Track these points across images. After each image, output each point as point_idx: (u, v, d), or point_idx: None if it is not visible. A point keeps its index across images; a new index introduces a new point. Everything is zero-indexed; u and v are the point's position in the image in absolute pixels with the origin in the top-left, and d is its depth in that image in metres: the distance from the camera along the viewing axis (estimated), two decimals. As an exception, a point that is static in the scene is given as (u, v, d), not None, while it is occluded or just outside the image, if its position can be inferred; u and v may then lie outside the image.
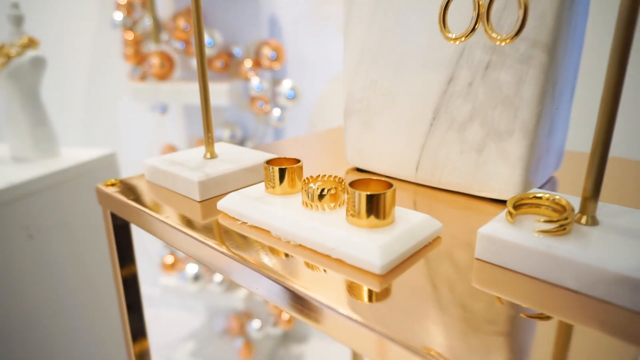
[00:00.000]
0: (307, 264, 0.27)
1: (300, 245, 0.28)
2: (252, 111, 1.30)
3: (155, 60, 1.33)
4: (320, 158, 0.50)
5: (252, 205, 0.31)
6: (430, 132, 0.36)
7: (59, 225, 0.72)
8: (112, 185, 0.39)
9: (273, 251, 0.28)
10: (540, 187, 0.38)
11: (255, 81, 1.24)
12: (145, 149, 1.63)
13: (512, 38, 0.26)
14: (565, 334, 0.21)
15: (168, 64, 1.35)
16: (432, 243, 0.29)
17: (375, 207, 0.26)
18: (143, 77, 1.39)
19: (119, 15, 1.33)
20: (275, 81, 1.34)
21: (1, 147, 0.86)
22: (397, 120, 0.38)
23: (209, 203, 0.36)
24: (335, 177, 0.31)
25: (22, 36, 0.75)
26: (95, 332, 0.82)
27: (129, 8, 1.36)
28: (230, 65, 1.31)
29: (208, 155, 0.39)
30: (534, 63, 0.31)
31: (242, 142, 1.41)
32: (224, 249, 0.29)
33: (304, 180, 0.30)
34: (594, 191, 0.25)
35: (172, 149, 1.46)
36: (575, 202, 0.27)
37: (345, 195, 0.28)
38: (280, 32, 1.37)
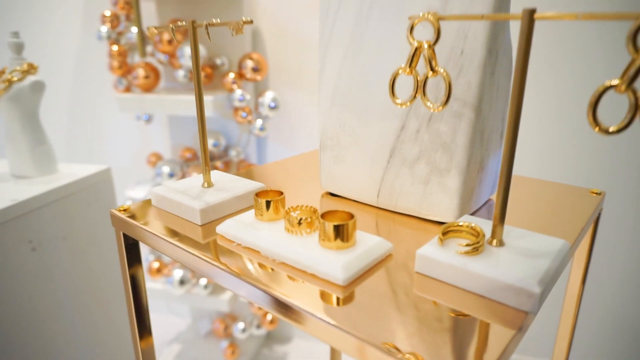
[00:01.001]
0: (289, 277, 0.35)
1: (283, 262, 0.37)
2: (236, 121, 1.37)
3: (140, 72, 1.38)
4: (301, 181, 0.58)
5: (245, 230, 0.39)
6: (387, 168, 0.45)
7: (60, 237, 0.79)
8: (124, 210, 0.47)
9: (262, 267, 0.37)
10: (478, 210, 0.47)
11: (238, 93, 1.30)
12: (131, 156, 1.68)
13: (442, 106, 0.35)
14: (479, 326, 0.30)
15: (153, 75, 1.40)
16: (385, 259, 0.37)
17: (340, 234, 0.35)
18: (128, 88, 1.44)
19: (104, 28, 1.38)
20: (258, 92, 1.41)
21: (1, 164, 0.91)
22: (362, 157, 0.47)
23: (207, 226, 0.44)
24: (311, 207, 0.39)
25: (23, 62, 0.80)
26: (98, 331, 0.88)
27: (114, 21, 1.41)
28: (213, 76, 1.38)
29: (205, 185, 0.47)
30: (464, 118, 0.40)
31: (226, 150, 1.48)
32: (223, 266, 0.37)
33: (286, 210, 0.39)
34: (500, 220, 0.34)
35: (157, 156, 1.52)
36: (490, 227, 0.36)
37: (318, 223, 0.37)
38: (263, 44, 1.44)
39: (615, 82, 0.27)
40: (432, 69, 0.35)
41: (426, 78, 0.35)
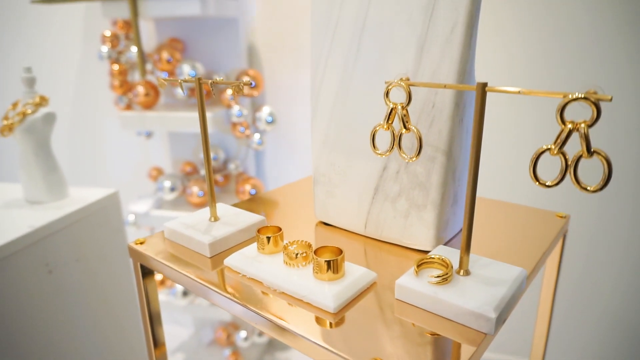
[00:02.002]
0: (289, 304, 0.41)
1: (282, 292, 0.43)
2: (234, 135, 1.42)
3: (140, 90, 1.43)
4: (297, 210, 0.64)
5: (249, 263, 0.46)
6: (372, 203, 0.51)
7: (74, 259, 0.84)
8: (141, 243, 0.53)
9: (264, 294, 0.43)
10: (454, 237, 0.54)
11: (236, 109, 1.36)
12: (133, 170, 1.73)
13: (416, 157, 0.41)
14: (450, 346, 0.36)
15: (153, 92, 1.45)
16: (370, 287, 0.44)
17: (331, 267, 0.41)
18: (129, 106, 1.49)
19: (104, 48, 1.44)
20: (255, 107, 1.47)
21: (15, 189, 0.97)
22: (350, 193, 0.53)
23: (215, 257, 0.50)
24: (306, 242, 0.45)
25: (35, 95, 0.86)
26: (110, 345, 0.94)
27: (114, 40, 1.46)
28: (211, 94, 1.44)
29: (212, 219, 0.53)
30: (437, 161, 0.46)
31: (225, 163, 1.54)
32: (230, 296, 0.43)
33: (285, 245, 0.45)
34: (465, 252, 0.40)
35: (158, 170, 1.57)
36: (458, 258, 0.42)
37: (312, 257, 0.43)
38: (259, 60, 1.50)
39: (549, 146, 0.34)
40: (405, 126, 0.41)
41: (401, 134, 0.41)
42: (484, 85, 0.36)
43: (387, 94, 0.41)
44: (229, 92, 1.36)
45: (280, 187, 0.73)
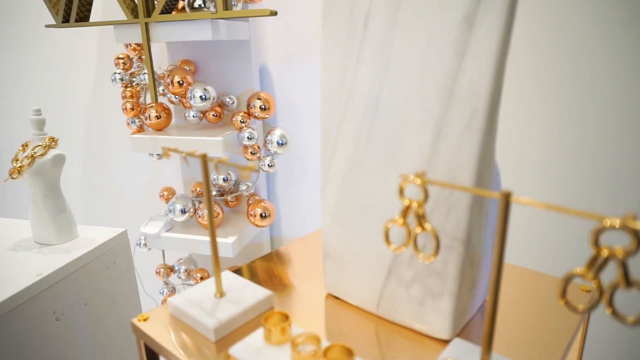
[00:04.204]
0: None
1: (290, 394, 0.40)
2: (245, 158, 1.41)
3: (152, 112, 1.42)
4: (306, 278, 0.62)
5: (255, 354, 0.43)
6: (385, 285, 0.49)
7: (82, 303, 0.84)
8: (144, 320, 0.51)
9: (271, 395, 0.40)
10: (472, 318, 0.50)
11: (247, 132, 1.34)
12: (144, 190, 1.73)
13: (433, 257, 0.38)
14: None
15: (165, 114, 1.44)
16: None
17: (341, 373, 0.39)
18: (141, 128, 1.49)
19: (117, 70, 1.44)
20: (266, 129, 1.45)
21: (26, 226, 0.96)
22: (362, 272, 0.50)
23: (221, 341, 0.48)
24: (314, 335, 0.43)
25: (45, 137, 0.85)
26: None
27: (127, 62, 1.46)
28: (222, 115, 1.42)
29: (218, 295, 0.51)
30: (454, 251, 0.43)
31: (236, 184, 1.52)
32: (236, 397, 0.40)
33: (292, 339, 0.42)
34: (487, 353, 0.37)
35: (169, 190, 1.57)
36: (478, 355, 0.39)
37: (320, 350, 0.40)
38: (271, 82, 1.49)
39: (581, 271, 0.31)
40: (420, 225, 0.38)
41: (417, 234, 0.39)
42: (508, 194, 0.33)
43: (401, 191, 0.38)
44: (240, 115, 1.35)
45: (290, 242, 0.71)
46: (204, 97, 1.33)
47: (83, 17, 1.20)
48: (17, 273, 0.77)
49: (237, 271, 0.62)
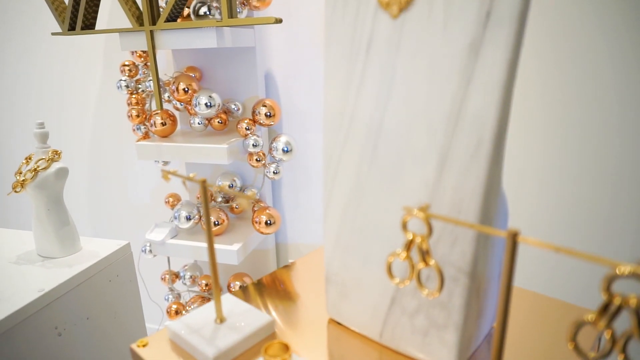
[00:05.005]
0: None
1: None
2: (250, 165, 1.40)
3: (157, 120, 1.42)
4: (307, 301, 0.60)
5: (254, 388, 0.42)
6: (388, 314, 0.47)
7: (84, 317, 0.83)
8: (144, 346, 0.50)
9: None
10: (478, 347, 0.49)
11: (252, 139, 1.34)
12: (150, 195, 1.74)
13: (438, 293, 0.37)
14: None
15: (170, 121, 1.44)
16: None
17: (341, 411, 0.37)
18: (147, 134, 1.49)
19: (123, 77, 1.44)
20: (271, 136, 1.44)
21: (30, 237, 0.96)
22: (364, 300, 0.49)
23: (220, 369, 0.47)
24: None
25: (48, 150, 0.85)
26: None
27: (133, 69, 1.46)
28: (227, 122, 1.42)
29: (218, 321, 0.50)
30: (460, 283, 0.42)
31: (241, 190, 1.51)
32: None
33: (292, 373, 0.41)
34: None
35: (175, 197, 1.57)
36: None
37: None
38: (276, 88, 1.48)
39: (592, 319, 0.29)
40: (424, 260, 0.37)
41: (420, 269, 0.37)
42: (515, 234, 0.32)
43: (404, 225, 0.37)
44: (245, 122, 1.34)
45: (293, 262, 0.70)
46: (209, 104, 1.32)
47: (89, 25, 1.20)
48: (20, 288, 0.77)
49: (239, 291, 0.61)
